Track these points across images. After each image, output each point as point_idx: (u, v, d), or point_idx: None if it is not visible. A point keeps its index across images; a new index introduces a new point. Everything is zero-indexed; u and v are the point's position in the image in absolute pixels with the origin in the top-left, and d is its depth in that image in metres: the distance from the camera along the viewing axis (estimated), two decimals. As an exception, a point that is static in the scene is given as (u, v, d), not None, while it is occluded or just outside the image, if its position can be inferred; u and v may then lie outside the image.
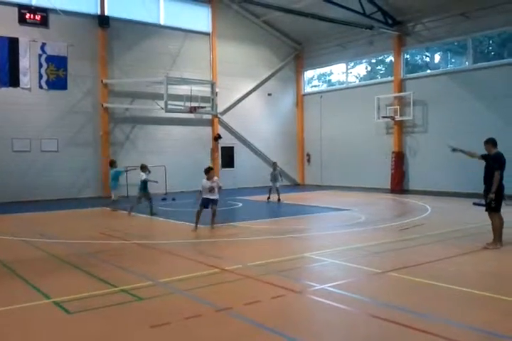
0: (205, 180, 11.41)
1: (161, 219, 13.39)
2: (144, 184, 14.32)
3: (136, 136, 21.78)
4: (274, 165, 18.79)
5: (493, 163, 8.66)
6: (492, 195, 8.59)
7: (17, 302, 5.75)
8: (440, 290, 6.14)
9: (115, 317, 5.26)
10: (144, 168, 14.75)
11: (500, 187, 8.62)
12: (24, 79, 18.89)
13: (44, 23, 19.27)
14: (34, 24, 19.07)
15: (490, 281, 6.75)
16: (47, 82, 19.42)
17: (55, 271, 7.39)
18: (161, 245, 9.45)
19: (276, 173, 18.32)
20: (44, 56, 19.30)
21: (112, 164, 16.51)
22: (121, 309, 5.52)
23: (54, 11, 19.22)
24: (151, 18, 22.09)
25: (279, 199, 17.64)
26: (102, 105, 20.60)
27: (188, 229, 11.64)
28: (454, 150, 9.35)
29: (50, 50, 19.40)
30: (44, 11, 19.23)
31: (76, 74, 19.95)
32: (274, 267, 7.40)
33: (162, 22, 22.58)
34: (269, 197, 17.93)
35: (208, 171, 11.44)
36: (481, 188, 8.81)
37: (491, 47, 20.47)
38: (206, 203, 11.37)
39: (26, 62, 18.90)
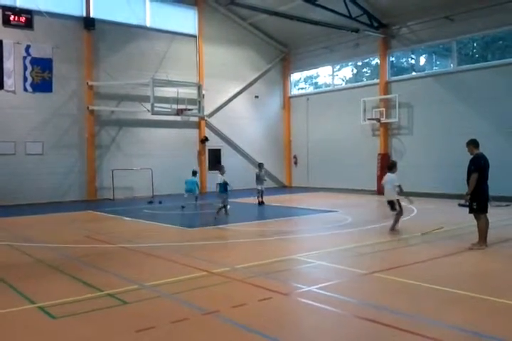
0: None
1: (147, 222, 13.30)
2: (224, 185, 13.93)
3: (122, 139, 21.65)
4: (260, 166, 18.56)
5: (471, 164, 8.76)
6: (467, 197, 8.69)
7: (1, 307, 5.67)
8: (426, 290, 6.18)
9: (100, 322, 5.21)
10: (220, 169, 14.36)
11: (484, 189, 8.70)
12: (8, 82, 18.69)
13: (29, 24, 19.07)
14: (18, 26, 18.87)
15: (475, 282, 6.80)
16: (32, 85, 19.23)
17: (40, 276, 7.30)
18: (147, 248, 9.38)
19: (262, 174, 18.04)
20: (29, 58, 19.12)
21: (195, 174, 17.99)
22: (107, 313, 5.47)
23: (39, 12, 19.06)
24: (137, 20, 21.98)
25: (261, 202, 17.36)
26: (88, 108, 20.44)
27: (175, 231, 11.60)
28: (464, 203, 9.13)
29: (34, 52, 19.22)
30: (29, 13, 19.03)
31: (61, 77, 19.79)
32: (262, 269, 7.39)
33: (148, 24, 22.49)
34: (259, 202, 17.40)
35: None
36: (465, 189, 8.88)
37: (475, 50, 20.70)
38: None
39: (10, 64, 18.70)
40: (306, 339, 4.74)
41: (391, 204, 10.68)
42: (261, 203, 17.29)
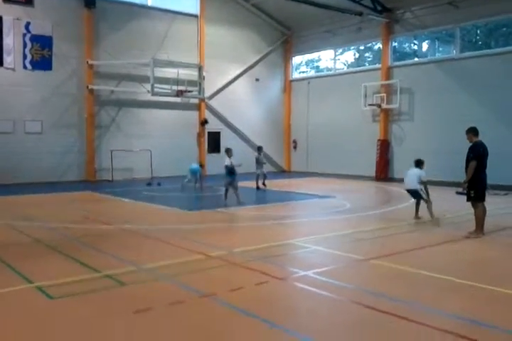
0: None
1: (146, 203, 13.32)
2: (229, 169, 13.01)
3: (121, 119, 21.54)
4: (259, 149, 18.43)
5: (469, 152, 8.73)
6: (465, 184, 8.71)
7: (-1, 286, 5.70)
8: (423, 278, 6.22)
9: (98, 303, 5.25)
10: (228, 152, 13.38)
11: (482, 177, 8.70)
12: (8, 59, 18.51)
13: (29, 1, 18.79)
14: (18, 2, 18.61)
15: (471, 270, 6.86)
16: (31, 62, 19.05)
17: (38, 256, 7.33)
18: (145, 230, 9.41)
19: (261, 158, 17.95)
20: (28, 35, 18.90)
21: (201, 166, 17.64)
22: (105, 294, 5.50)
23: (39, -11, 18.80)
24: (139, -1, 21.73)
25: (264, 184, 17.37)
26: (88, 87, 20.29)
27: (173, 213, 11.63)
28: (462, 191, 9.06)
29: (34, 30, 18.99)
30: (29, -11, 18.77)
31: (61, 55, 19.60)
32: (259, 253, 7.43)
33: (150, 3, 22.22)
34: (258, 186, 17.23)
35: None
36: (464, 177, 8.87)
37: (478, 37, 20.52)
38: None
39: (10, 41, 18.49)
40: (301, 323, 4.78)
41: (416, 193, 10.42)
42: (258, 188, 17.13)
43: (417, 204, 10.61)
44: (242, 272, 6.49)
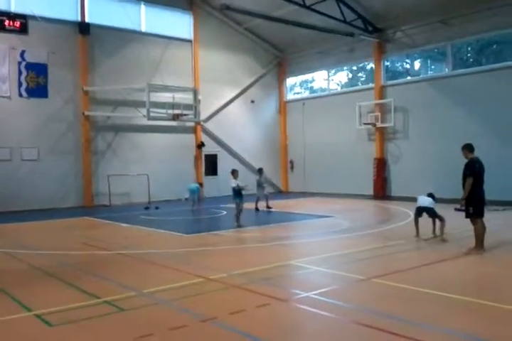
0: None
1: (144, 228, 13.25)
2: (236, 191, 13.05)
3: (118, 144, 21.60)
4: (259, 171, 18.34)
5: (465, 169, 8.76)
6: (462, 201, 8.70)
7: (-3, 315, 5.62)
8: (424, 296, 6.16)
9: (98, 330, 5.17)
10: (234, 174, 13.47)
11: (479, 193, 8.71)
12: (3, 87, 18.64)
13: (23, 29, 19.04)
14: (13, 31, 18.82)
15: (472, 286, 6.81)
16: (27, 90, 19.18)
17: (37, 283, 7.26)
18: (144, 255, 9.35)
19: (261, 180, 17.86)
20: (24, 63, 19.08)
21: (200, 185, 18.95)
22: (104, 321, 5.43)
23: (33, 17, 19.04)
24: (132, 25, 21.99)
25: (268, 207, 17.12)
26: (83, 113, 20.39)
27: (171, 237, 11.57)
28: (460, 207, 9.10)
29: (29, 58, 19.19)
30: (23, 18, 19.00)
31: (57, 82, 19.75)
32: (259, 275, 7.37)
33: (143, 29, 22.51)
34: (257, 208, 17.08)
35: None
36: (461, 194, 8.87)
37: (469, 54, 20.81)
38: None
39: (5, 69, 18.66)
40: (305, 345, 4.72)
41: (431, 210, 10.44)
42: (258, 209, 16.98)
43: (433, 221, 10.61)
44: (242, 294, 6.42)
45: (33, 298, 6.35)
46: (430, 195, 10.91)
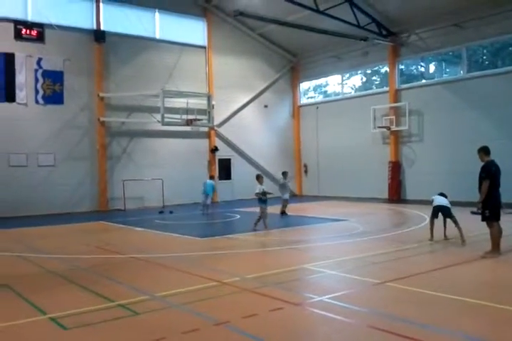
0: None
1: (158, 232, 13.32)
2: (261, 196, 13.05)
3: (133, 150, 21.78)
4: (284, 174, 17.94)
5: (481, 172, 8.67)
6: (479, 205, 8.62)
7: (13, 318, 5.68)
8: (439, 300, 6.10)
9: (111, 333, 5.20)
10: (259, 179, 13.42)
11: (496, 196, 8.61)
12: (20, 95, 18.93)
13: (40, 38, 19.36)
14: (30, 39, 19.16)
15: (488, 290, 6.71)
16: (43, 97, 19.45)
17: (51, 287, 7.32)
18: (158, 258, 9.38)
19: (287, 183, 17.50)
20: (40, 71, 19.37)
21: (212, 178, 19.37)
22: (118, 324, 5.46)
23: (50, 26, 19.36)
24: (147, 32, 22.24)
25: (283, 212, 16.77)
26: (99, 119, 20.62)
27: (185, 241, 11.61)
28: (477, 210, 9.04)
29: (46, 65, 19.47)
30: (40, 27, 19.34)
31: (72, 89, 20.01)
32: (273, 279, 7.35)
33: (158, 36, 22.73)
34: (283, 211, 16.80)
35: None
36: (477, 197, 8.78)
37: (484, 57, 20.63)
38: None
39: (22, 77, 18.96)
40: (317, 349, 4.69)
41: (448, 210, 10.45)
42: (283, 213, 16.72)
43: (445, 223, 10.55)
44: (256, 298, 6.41)
45: (48, 302, 6.41)
46: (443, 195, 10.89)
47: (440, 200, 10.58)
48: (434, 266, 7.99)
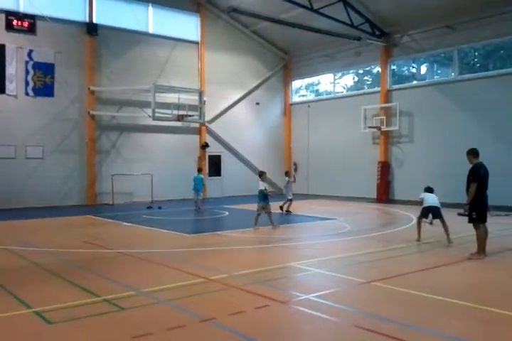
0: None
1: (146, 227, 13.28)
2: (264, 194, 12.96)
3: (122, 144, 21.67)
4: (287, 173, 17.84)
5: (470, 174, 8.75)
6: (466, 206, 8.70)
7: (-3, 312, 5.65)
8: (424, 300, 6.15)
9: (97, 328, 5.19)
10: (261, 176, 13.33)
11: (483, 198, 8.69)
12: (10, 86, 18.74)
13: (31, 29, 19.17)
14: (21, 31, 18.95)
15: (473, 291, 6.78)
16: (33, 89, 19.28)
17: (37, 280, 7.29)
18: (145, 254, 9.36)
19: (289, 182, 17.24)
20: (31, 63, 19.19)
21: (200, 171, 18.86)
22: (103, 319, 5.44)
23: (42, 17, 19.15)
24: (140, 26, 22.09)
25: (284, 210, 16.59)
26: (89, 112, 20.49)
27: (173, 237, 11.59)
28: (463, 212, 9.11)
29: (37, 57, 19.29)
30: (32, 18, 19.13)
31: (63, 82, 19.84)
32: (260, 277, 7.37)
33: (151, 30, 22.59)
34: (288, 210, 16.65)
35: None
36: (465, 198, 8.86)
37: (476, 59, 20.76)
38: None
39: (13, 68, 18.77)
40: (302, 347, 4.72)
41: (439, 211, 10.59)
42: (288, 212, 16.54)
43: (431, 224, 10.69)
44: (242, 295, 6.43)
45: (33, 295, 6.38)
46: (430, 189, 10.97)
47: (432, 200, 10.63)
48: (420, 267, 8.06)
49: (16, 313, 5.61)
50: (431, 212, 10.57)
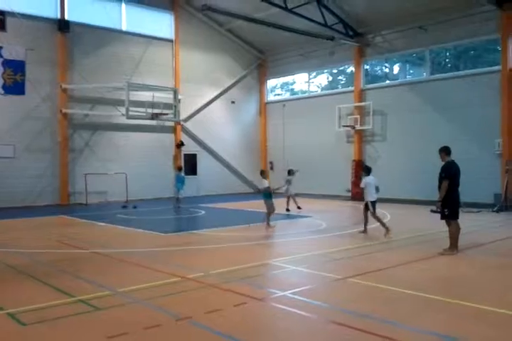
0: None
1: (121, 227, 13.14)
2: (269, 192, 12.96)
3: (96, 143, 21.38)
4: (289, 172, 17.74)
5: (442, 172, 8.90)
6: (439, 203, 8.85)
7: (-32, 314, 5.53)
8: (398, 295, 6.25)
9: (72, 328, 5.12)
10: (263, 174, 13.36)
11: (455, 196, 8.86)
12: (-21, 84, 18.30)
13: (1, 26, 18.71)
14: (-9, 27, 18.55)
15: (446, 286, 6.92)
16: (3, 87, 18.79)
17: (10, 281, 7.15)
18: (120, 254, 9.27)
19: (292, 180, 17.25)
20: (0, 60, 18.72)
21: (180, 169, 19.41)
22: (78, 320, 5.37)
23: (12, 14, 18.71)
24: (113, 24, 21.80)
25: (296, 206, 16.92)
26: (61, 111, 20.15)
27: (149, 236, 11.51)
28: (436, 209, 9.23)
29: (7, 54, 18.82)
30: (1, 14, 18.68)
31: (34, 79, 19.42)
32: (237, 274, 7.38)
33: (124, 28, 22.32)
34: (288, 209, 16.86)
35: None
36: (437, 196, 9.01)
37: (447, 60, 21.14)
38: None
39: (-18, 66, 18.32)
40: (280, 344, 4.74)
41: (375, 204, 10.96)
42: (288, 210, 16.71)
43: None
44: (219, 294, 6.42)
45: (6, 297, 6.27)
46: (369, 170, 12.17)
47: (375, 193, 11.52)
48: (394, 263, 8.17)
49: (-12, 315, 5.50)
50: (372, 206, 11.18)
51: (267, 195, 13.02)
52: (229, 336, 4.82)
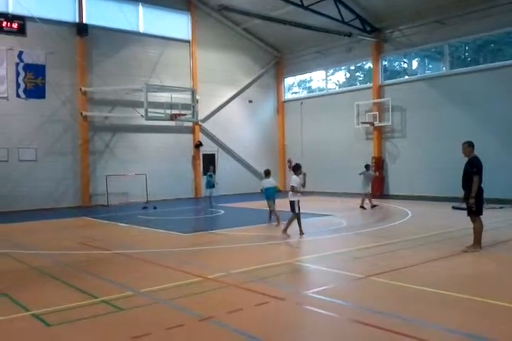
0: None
1: (142, 227, 13.24)
2: (273, 191, 13.14)
3: (116, 145, 21.59)
4: (367, 167, 17.80)
5: (471, 167, 8.67)
6: (472, 200, 8.62)
7: (-5, 315, 5.62)
8: (422, 293, 6.18)
9: (96, 329, 5.18)
10: (268, 174, 13.66)
11: (480, 191, 8.69)
12: (1, 88, 18.58)
13: (21, 31, 19.04)
14: (11, 32, 18.82)
15: (469, 284, 6.82)
16: (24, 91, 19.12)
17: (34, 283, 7.25)
18: (142, 254, 9.34)
19: (369, 176, 17.31)
20: (21, 64, 19.03)
21: (208, 171, 19.86)
22: (102, 320, 5.43)
23: (31, 18, 19.02)
24: (130, 26, 21.99)
25: (371, 205, 16.84)
26: (81, 113, 20.40)
27: (170, 236, 11.57)
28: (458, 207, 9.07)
29: (27, 59, 19.14)
30: (21, 19, 19.00)
31: (54, 83, 19.72)
32: (258, 274, 7.37)
33: (141, 30, 22.51)
34: (363, 206, 16.83)
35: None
36: (459, 192, 8.86)
37: (467, 53, 20.83)
38: None
39: (3, 70, 18.60)
40: (302, 344, 4.72)
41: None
42: (374, 206, 16.77)
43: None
44: (241, 293, 6.43)
45: (31, 298, 6.35)
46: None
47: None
48: (416, 261, 8.08)
49: (14, 316, 5.58)
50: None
51: (270, 194, 13.06)
52: (251, 336, 4.81)
